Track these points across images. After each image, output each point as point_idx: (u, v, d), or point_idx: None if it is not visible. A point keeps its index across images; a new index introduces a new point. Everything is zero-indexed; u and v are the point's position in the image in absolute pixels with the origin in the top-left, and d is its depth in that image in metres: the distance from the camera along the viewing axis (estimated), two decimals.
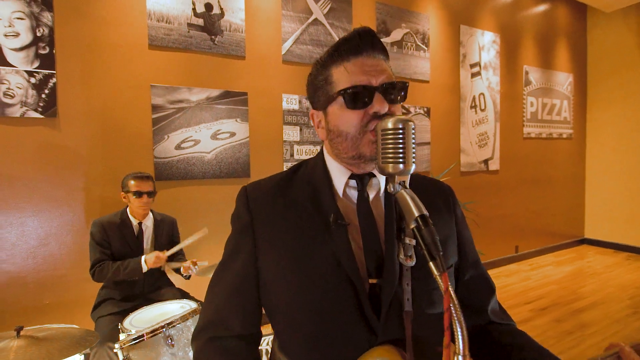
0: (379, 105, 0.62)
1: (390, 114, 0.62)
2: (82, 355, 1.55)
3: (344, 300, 0.61)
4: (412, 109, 3.65)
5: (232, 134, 2.82)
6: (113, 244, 1.99)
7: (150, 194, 2.02)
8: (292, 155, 3.03)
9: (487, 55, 4.22)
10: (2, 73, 2.16)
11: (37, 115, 2.25)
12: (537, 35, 4.67)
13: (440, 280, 0.48)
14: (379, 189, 0.69)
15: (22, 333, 1.24)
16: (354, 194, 0.68)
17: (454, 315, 0.46)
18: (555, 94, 4.95)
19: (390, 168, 0.58)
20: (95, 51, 2.40)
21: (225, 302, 0.69)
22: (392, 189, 0.58)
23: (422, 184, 0.76)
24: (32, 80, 2.23)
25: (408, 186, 0.58)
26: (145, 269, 1.93)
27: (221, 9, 2.74)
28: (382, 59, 0.67)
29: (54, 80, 2.29)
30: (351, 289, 0.62)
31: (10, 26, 2.17)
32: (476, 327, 0.73)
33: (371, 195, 0.68)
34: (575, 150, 5.20)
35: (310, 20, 3.07)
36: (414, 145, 0.59)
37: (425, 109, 3.75)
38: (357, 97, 0.63)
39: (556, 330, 2.73)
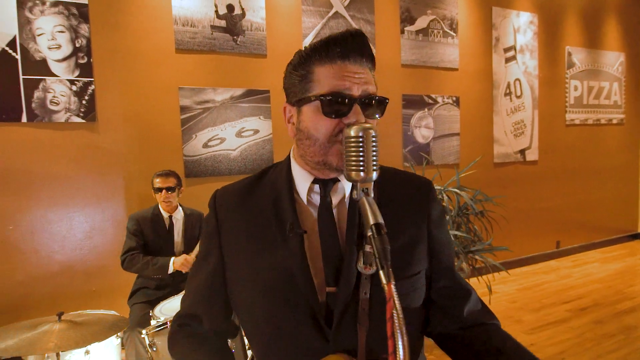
0: (356, 117, 0.60)
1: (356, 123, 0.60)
2: (119, 339, 1.71)
3: (299, 309, 0.62)
4: (439, 99, 3.53)
5: (256, 131, 2.90)
6: (146, 235, 2.15)
7: (170, 189, 2.14)
8: None
9: (523, 38, 3.95)
10: (48, 83, 2.39)
11: (79, 120, 2.47)
12: (582, 13, 4.28)
13: (385, 289, 0.48)
14: (344, 194, 0.68)
15: (62, 318, 1.39)
16: (317, 200, 0.68)
17: (396, 324, 0.46)
18: (604, 76, 4.53)
19: (353, 175, 0.58)
20: (128, 58, 2.57)
21: (198, 300, 0.73)
22: (355, 196, 0.58)
23: (396, 182, 0.73)
24: (74, 88, 2.44)
25: (372, 192, 0.58)
26: (171, 270, 2.05)
27: (242, 9, 2.80)
28: (369, 68, 0.64)
29: (92, 87, 2.49)
30: (305, 298, 0.62)
31: (53, 39, 2.38)
32: (450, 334, 0.72)
33: (335, 201, 0.67)
34: (628, 137, 4.75)
35: (330, 13, 3.06)
36: (375, 153, 0.58)
37: (454, 99, 3.61)
38: (335, 106, 0.61)
39: (595, 332, 2.56)
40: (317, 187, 0.67)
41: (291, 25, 2.96)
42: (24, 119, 2.35)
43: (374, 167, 0.58)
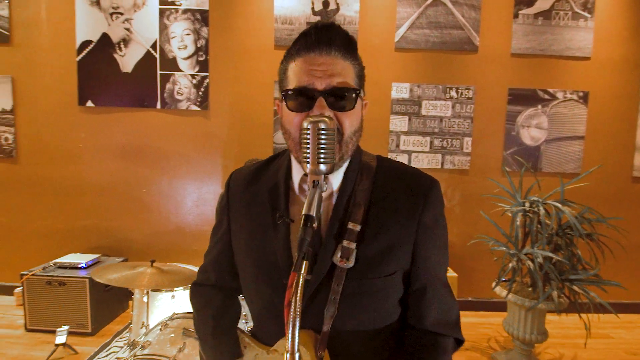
0: (320, 111, 0.60)
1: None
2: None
3: (279, 289, 0.66)
4: (559, 94, 2.97)
5: None
6: None
7: None
8: (397, 146, 2.98)
9: None
10: (176, 77, 2.94)
11: (196, 108, 2.97)
12: None
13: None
14: (334, 189, 0.70)
15: (154, 264, 1.77)
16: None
17: (291, 313, 0.49)
18: None
19: (303, 166, 0.60)
20: (235, 55, 2.95)
21: (210, 261, 0.84)
22: (306, 188, 0.61)
23: (395, 178, 0.71)
24: (194, 81, 2.95)
25: (325, 185, 0.60)
26: None
27: (337, 3, 2.88)
28: (340, 58, 0.63)
29: (207, 80, 2.95)
30: (283, 282, 0.65)
31: (181, 41, 2.91)
32: (409, 333, 0.71)
33: (324, 194, 0.68)
34: None
35: (429, 1, 2.88)
36: (323, 146, 0.58)
37: (581, 94, 2.98)
38: (298, 100, 0.62)
39: None
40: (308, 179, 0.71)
41: (384, 17, 2.90)
42: (158, 105, 2.96)
43: (322, 160, 0.58)
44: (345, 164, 0.70)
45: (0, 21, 2.90)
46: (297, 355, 0.51)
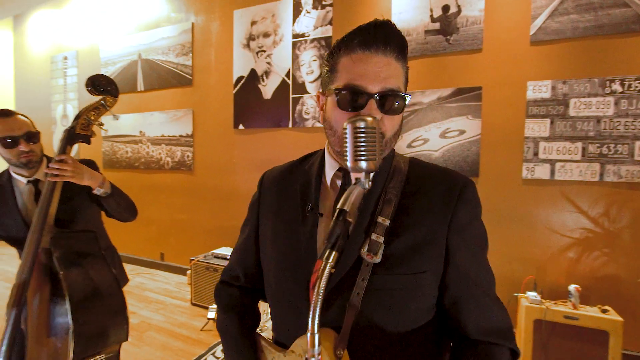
0: (369, 113, 0.61)
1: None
2: None
3: (302, 280, 0.67)
4: None
5: (462, 132, 2.77)
6: None
7: None
8: (536, 154, 2.54)
9: None
10: (304, 98, 3.33)
11: (319, 125, 3.28)
12: None
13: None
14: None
15: None
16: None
17: (317, 292, 0.51)
18: None
19: (344, 163, 0.61)
20: None
21: (237, 259, 0.85)
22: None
23: (427, 177, 0.68)
24: None
25: (368, 183, 0.60)
26: None
27: (458, 6, 2.72)
28: (394, 59, 0.63)
29: None
30: (307, 272, 0.65)
31: (309, 67, 3.29)
32: (457, 343, 0.65)
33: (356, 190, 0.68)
34: None
35: None
36: (363, 145, 0.58)
37: None
38: (350, 101, 0.62)
39: None
40: (340, 174, 0.71)
41: (517, 10, 2.57)
42: (290, 125, 3.40)
43: (363, 157, 0.58)
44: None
45: (186, 69, 3.93)
46: (316, 336, 0.54)
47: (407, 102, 0.67)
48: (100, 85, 1.31)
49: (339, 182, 0.71)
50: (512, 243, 2.60)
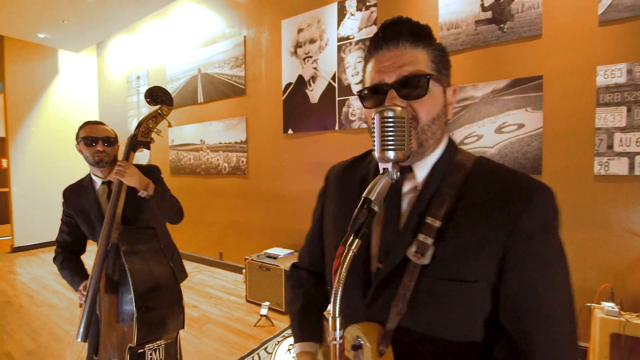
0: (390, 102, 0.62)
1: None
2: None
3: (355, 273, 0.69)
4: None
5: (520, 126, 2.56)
6: None
7: None
8: (610, 147, 2.25)
9: None
10: (350, 100, 3.34)
11: (365, 126, 3.26)
12: None
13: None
14: (417, 183, 0.69)
15: None
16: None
17: (338, 277, 0.53)
18: None
19: (374, 155, 0.62)
20: None
21: (305, 245, 0.93)
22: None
23: (490, 178, 0.64)
24: None
25: (396, 174, 0.60)
26: None
27: None
28: (409, 47, 0.63)
29: None
30: (360, 265, 0.68)
31: (354, 69, 3.29)
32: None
33: (407, 187, 0.68)
34: None
35: None
36: (391, 134, 0.58)
37: None
38: (371, 98, 0.65)
39: None
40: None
41: None
42: (336, 127, 3.43)
43: (390, 147, 0.58)
44: (434, 158, 0.68)
45: (240, 79, 4.17)
46: (337, 320, 0.55)
47: (437, 81, 0.65)
48: (157, 96, 1.46)
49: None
50: (584, 247, 2.33)
